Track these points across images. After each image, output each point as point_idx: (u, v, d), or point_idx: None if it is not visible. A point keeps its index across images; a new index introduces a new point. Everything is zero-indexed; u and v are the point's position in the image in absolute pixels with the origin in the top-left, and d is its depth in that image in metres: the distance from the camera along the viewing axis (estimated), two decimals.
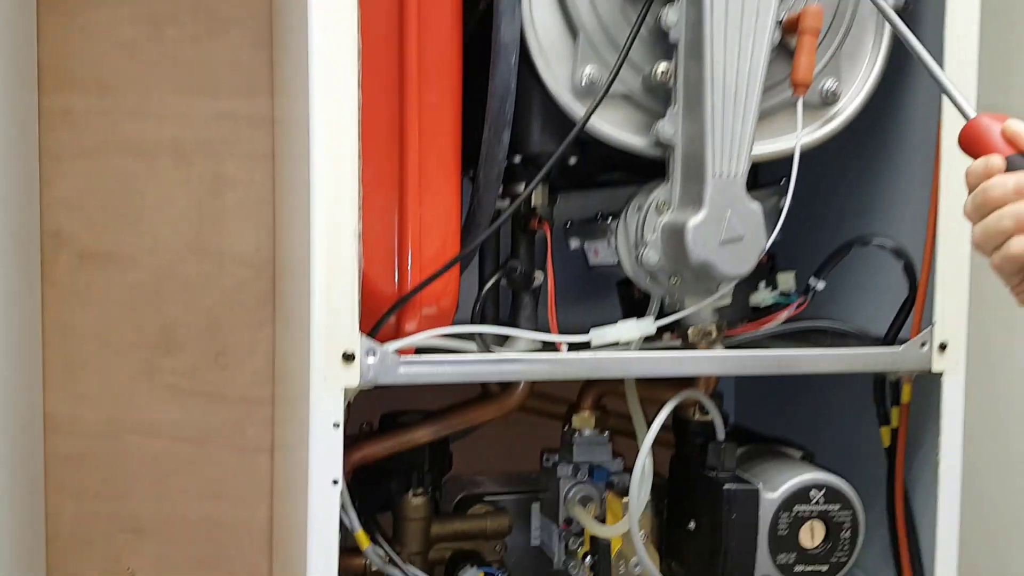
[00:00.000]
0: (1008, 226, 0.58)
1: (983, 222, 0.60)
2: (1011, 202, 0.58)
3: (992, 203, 0.59)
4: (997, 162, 0.60)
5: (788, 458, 0.90)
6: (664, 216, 0.78)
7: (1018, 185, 0.58)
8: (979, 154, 0.62)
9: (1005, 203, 0.59)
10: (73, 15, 1.04)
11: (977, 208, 0.60)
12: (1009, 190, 0.58)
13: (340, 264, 0.69)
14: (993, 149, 0.61)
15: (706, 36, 0.74)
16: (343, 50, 0.69)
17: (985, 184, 0.60)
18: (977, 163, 0.61)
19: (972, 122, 0.63)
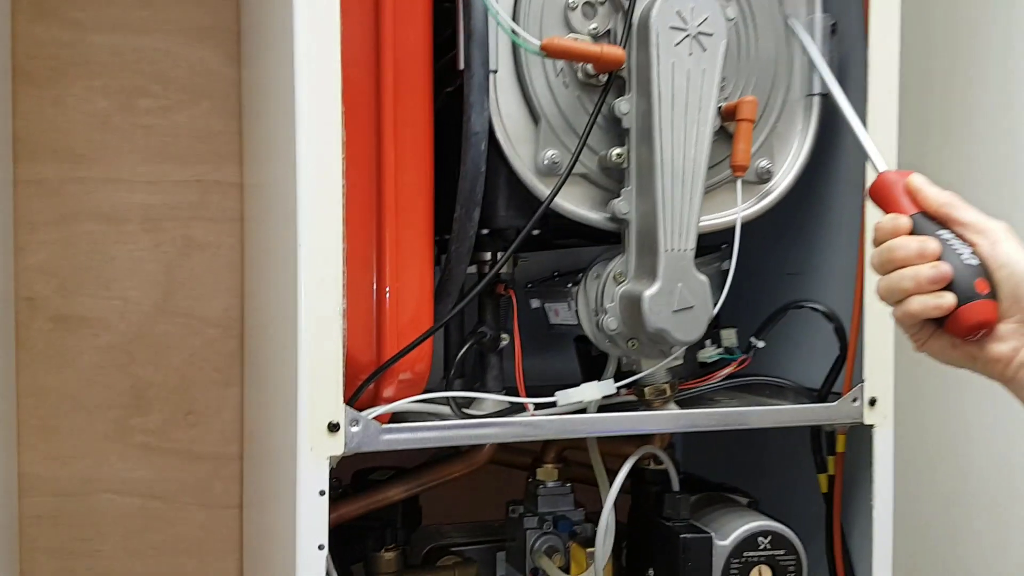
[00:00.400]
0: (909, 286, 0.65)
1: (887, 278, 0.66)
2: (913, 264, 0.65)
3: (897, 262, 0.66)
4: (904, 223, 0.67)
5: (736, 505, 0.97)
6: (621, 286, 0.85)
7: (920, 249, 0.65)
8: (886, 208, 0.69)
9: (908, 264, 0.65)
10: (47, 87, 1.08)
11: (883, 263, 0.67)
12: (912, 252, 0.65)
13: (326, 340, 0.74)
14: (899, 206, 0.68)
15: (655, 124, 0.81)
16: (329, 140, 0.75)
17: (891, 243, 0.66)
18: (885, 220, 0.68)
19: (880, 176, 0.70)
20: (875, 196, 0.71)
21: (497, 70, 0.83)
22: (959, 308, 0.63)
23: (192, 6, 1.12)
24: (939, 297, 0.64)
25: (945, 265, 0.64)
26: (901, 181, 0.69)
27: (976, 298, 0.63)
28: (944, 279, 0.64)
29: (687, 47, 0.82)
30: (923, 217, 0.67)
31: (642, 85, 0.82)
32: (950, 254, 0.65)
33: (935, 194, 0.68)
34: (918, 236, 0.66)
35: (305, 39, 0.74)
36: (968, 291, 0.63)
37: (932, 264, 0.64)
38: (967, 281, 0.64)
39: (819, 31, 0.92)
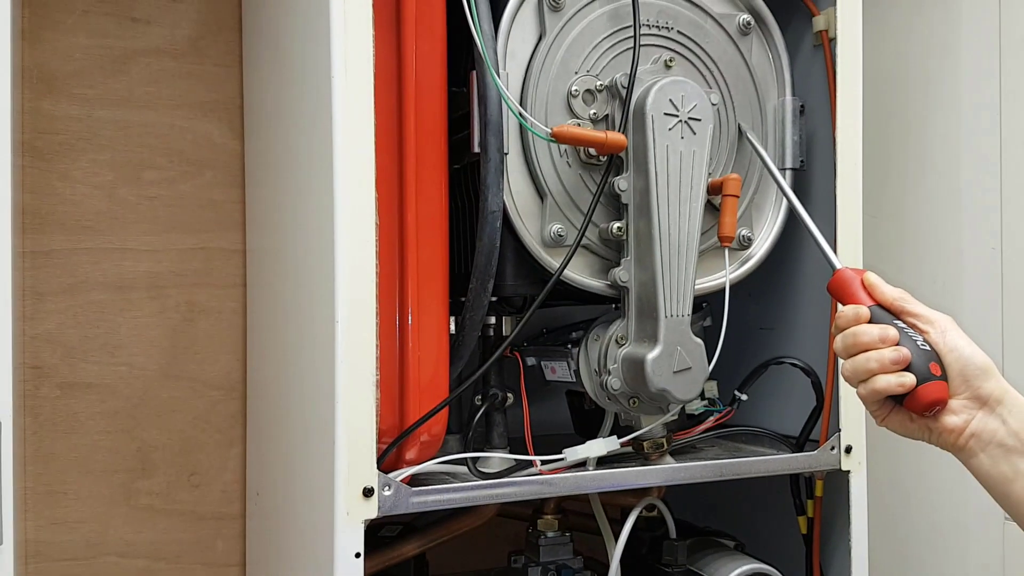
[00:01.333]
0: (874, 367, 0.73)
1: (853, 361, 0.75)
2: (875, 348, 0.73)
3: (860, 347, 0.74)
4: (864, 312, 0.75)
5: (725, 548, 1.04)
6: (623, 349, 0.92)
7: (882, 334, 0.73)
8: (845, 300, 0.78)
9: (871, 348, 0.73)
10: (55, 161, 1.11)
11: (847, 348, 0.75)
12: (875, 338, 0.74)
13: (361, 409, 0.79)
14: (857, 298, 0.77)
15: (653, 200, 0.89)
16: (364, 219, 0.80)
17: (855, 330, 0.75)
18: (847, 310, 0.76)
19: (837, 273, 0.80)
20: (834, 291, 0.80)
21: (508, 152, 0.90)
22: (917, 387, 0.72)
23: (196, 82, 1.17)
24: (901, 376, 0.72)
25: (904, 349, 0.73)
26: (858, 278, 0.78)
27: (932, 379, 0.72)
28: (904, 360, 0.72)
29: (679, 131, 0.90)
30: (879, 308, 0.76)
31: (639, 165, 0.90)
32: (907, 340, 0.73)
33: (889, 289, 0.77)
34: (878, 324, 0.74)
35: (343, 125, 0.80)
36: (924, 372, 0.72)
37: (893, 348, 0.73)
38: (923, 364, 0.72)
39: (789, 112, 1.02)
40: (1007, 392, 0.73)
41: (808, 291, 1.06)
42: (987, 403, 0.73)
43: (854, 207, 1.01)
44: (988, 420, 0.73)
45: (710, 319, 1.07)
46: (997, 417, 0.73)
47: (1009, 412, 0.73)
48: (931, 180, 1.21)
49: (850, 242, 1.00)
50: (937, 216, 1.20)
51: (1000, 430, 0.72)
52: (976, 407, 0.73)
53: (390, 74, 0.85)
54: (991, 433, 0.73)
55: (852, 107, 1.01)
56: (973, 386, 0.73)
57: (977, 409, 0.73)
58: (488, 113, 0.86)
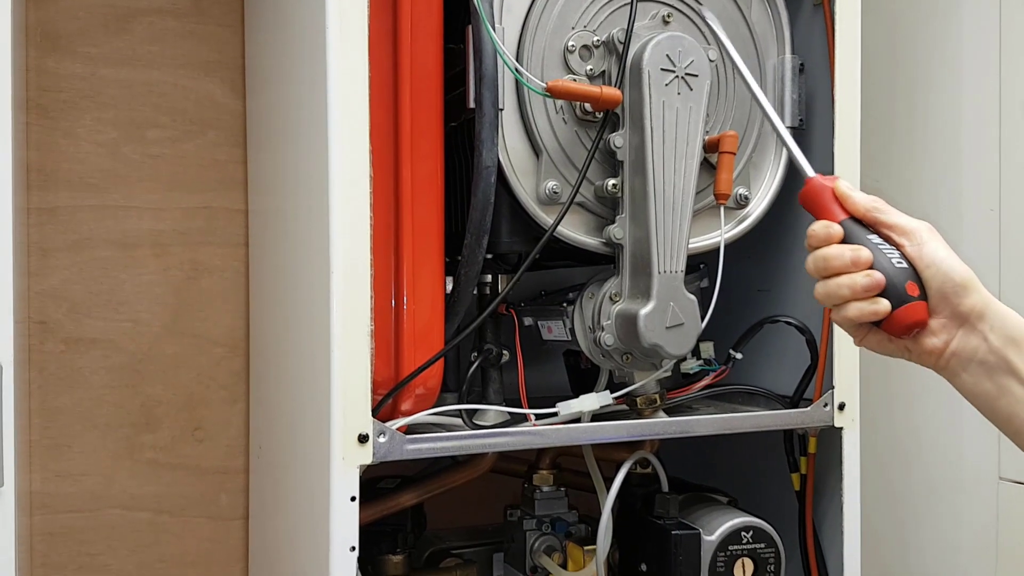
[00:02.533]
0: (846, 294, 0.69)
1: (825, 284, 0.70)
2: (848, 272, 0.69)
3: (832, 270, 0.70)
4: (835, 230, 0.70)
5: (718, 504, 1.05)
6: (617, 305, 0.93)
7: (854, 257, 0.69)
8: (817, 213, 0.73)
9: (843, 272, 0.69)
10: (60, 119, 1.12)
11: (818, 270, 0.71)
12: (847, 261, 0.69)
13: (356, 358, 0.81)
14: (828, 212, 0.72)
15: (648, 157, 0.89)
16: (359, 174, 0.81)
17: (826, 252, 0.70)
18: (818, 227, 0.71)
19: (808, 182, 0.74)
20: (805, 202, 0.75)
21: (503, 108, 0.90)
22: (894, 311, 0.68)
23: (199, 42, 1.17)
24: (875, 303, 0.68)
25: (878, 273, 0.68)
26: (829, 187, 0.73)
27: (908, 300, 0.68)
28: (878, 286, 0.68)
29: (676, 87, 0.90)
30: (852, 222, 0.71)
31: (635, 121, 0.90)
32: (881, 259, 0.69)
33: (862, 199, 0.72)
34: (850, 245, 0.70)
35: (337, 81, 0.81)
36: (901, 294, 0.68)
37: (866, 272, 0.68)
38: (899, 285, 0.68)
39: (788, 70, 1.01)
40: (988, 305, 0.69)
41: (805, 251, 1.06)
42: (968, 320, 0.69)
43: (853, 167, 1.01)
44: (969, 338, 0.69)
45: (707, 280, 1.08)
46: (978, 334, 0.69)
47: (990, 328, 0.69)
48: (931, 142, 1.21)
49: None
50: (936, 178, 1.20)
51: (981, 347, 0.69)
52: (956, 325, 0.69)
53: (386, 30, 0.86)
54: (972, 351, 0.69)
55: (851, 66, 1.00)
56: (953, 303, 0.69)
57: (957, 327, 0.69)
58: (483, 68, 0.86)
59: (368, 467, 0.83)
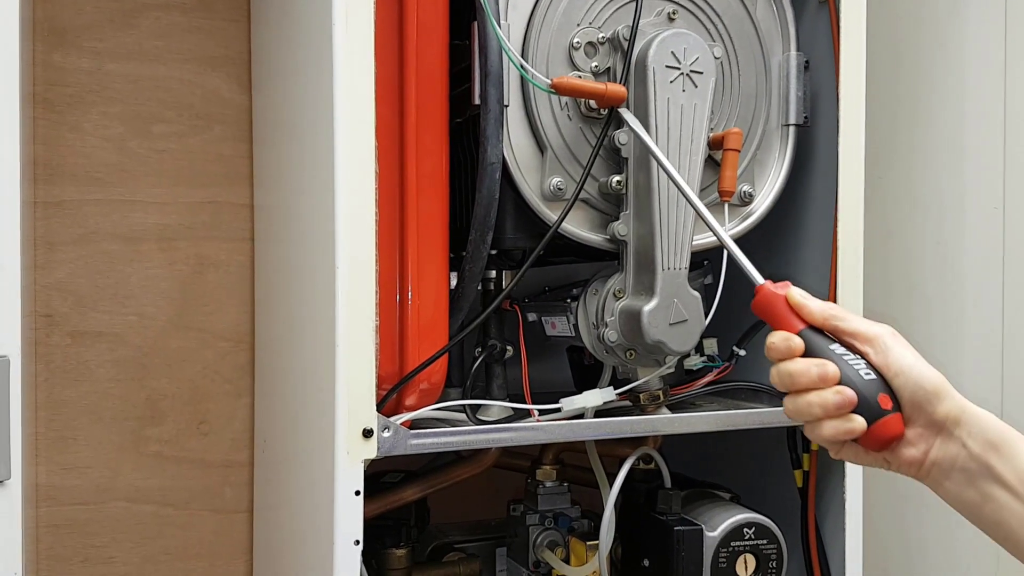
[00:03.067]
0: (818, 412, 0.66)
1: (794, 402, 0.67)
2: (816, 389, 0.66)
3: (799, 387, 0.66)
4: (797, 344, 0.67)
5: (720, 500, 1.05)
6: (620, 301, 0.93)
7: (821, 373, 0.66)
8: (773, 324, 0.70)
9: (811, 388, 0.66)
10: (66, 113, 1.13)
11: (785, 386, 0.68)
12: (814, 378, 0.66)
13: (361, 353, 0.81)
14: (786, 322, 0.69)
15: None
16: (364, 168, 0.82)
17: (791, 368, 0.67)
18: (778, 340, 0.68)
19: (760, 291, 0.71)
20: (759, 311, 0.72)
21: (508, 104, 0.90)
22: (870, 427, 0.65)
23: (204, 37, 1.18)
24: (849, 421, 0.65)
25: (848, 390, 0.65)
26: (781, 296, 0.70)
27: (883, 414, 0.65)
28: (850, 403, 0.65)
29: (681, 84, 0.90)
30: (812, 331, 0.68)
31: (640, 118, 0.90)
32: (848, 371, 0.66)
33: (817, 307, 0.69)
34: (816, 360, 0.67)
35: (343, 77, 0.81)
36: (874, 409, 0.65)
37: (836, 389, 0.65)
38: (871, 398, 0.65)
39: (794, 67, 1.01)
40: (964, 410, 0.67)
41: (810, 249, 1.07)
42: (944, 427, 0.67)
43: (857, 165, 1.01)
44: (947, 446, 0.67)
45: (711, 277, 1.08)
46: (956, 441, 0.67)
47: (968, 434, 0.66)
48: (935, 139, 1.21)
49: (852, 200, 1.00)
50: (940, 176, 1.20)
51: (961, 455, 0.66)
52: (933, 433, 0.67)
53: (391, 25, 0.86)
54: (952, 460, 0.67)
55: (856, 64, 1.00)
56: (927, 411, 0.66)
57: (935, 436, 0.67)
58: (488, 64, 0.86)
59: (372, 461, 0.83)
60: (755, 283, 0.73)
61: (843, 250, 1.00)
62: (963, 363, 1.16)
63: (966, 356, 1.16)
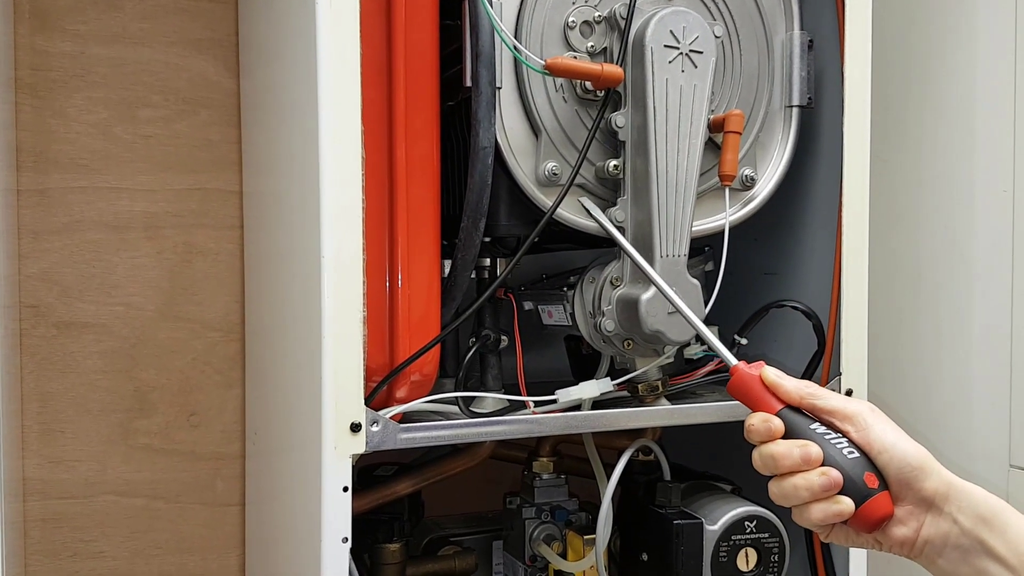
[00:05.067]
0: (804, 496, 0.65)
1: (779, 486, 0.66)
2: (801, 472, 0.65)
3: (783, 469, 0.65)
4: (777, 425, 0.66)
5: (722, 492, 1.03)
6: (618, 290, 0.91)
7: (804, 455, 0.65)
8: (750, 405, 0.69)
9: (796, 471, 0.65)
10: (49, 98, 1.10)
11: (768, 469, 0.67)
12: (796, 460, 0.65)
13: (348, 345, 0.78)
14: (763, 403, 0.68)
15: (651, 137, 0.87)
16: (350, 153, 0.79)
17: (772, 451, 0.66)
18: (757, 423, 0.67)
19: (734, 372, 0.70)
20: (734, 392, 0.71)
21: (501, 86, 0.87)
22: (858, 508, 0.64)
23: (190, 19, 1.15)
24: (837, 503, 0.64)
25: (834, 471, 0.64)
26: (756, 376, 0.69)
27: (870, 494, 0.64)
28: (836, 485, 0.64)
29: (680, 64, 0.87)
30: (791, 411, 0.68)
31: (638, 100, 0.87)
32: (831, 451, 0.65)
33: (792, 386, 0.68)
34: (797, 441, 0.66)
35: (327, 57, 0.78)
36: (861, 489, 0.64)
37: (821, 471, 0.64)
38: (857, 478, 0.64)
39: (797, 47, 0.98)
40: (951, 485, 0.66)
41: (813, 235, 1.04)
42: (933, 503, 0.66)
43: (862, 147, 0.98)
44: (938, 523, 0.66)
45: (712, 264, 1.05)
46: (947, 517, 0.65)
47: (958, 509, 0.65)
48: (943, 121, 1.17)
49: (857, 184, 0.97)
50: (948, 158, 1.17)
51: (953, 531, 0.65)
52: (923, 510, 0.66)
53: (379, 5, 0.83)
54: (944, 537, 0.65)
55: (861, 43, 0.97)
56: (914, 488, 0.65)
57: (924, 513, 0.66)
58: (480, 44, 0.83)
59: (362, 456, 0.81)
60: (728, 365, 0.72)
61: (848, 235, 0.97)
62: (971, 349, 1.13)
63: (974, 343, 1.13)
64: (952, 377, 1.16)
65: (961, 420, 1.15)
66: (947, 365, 1.16)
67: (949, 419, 1.17)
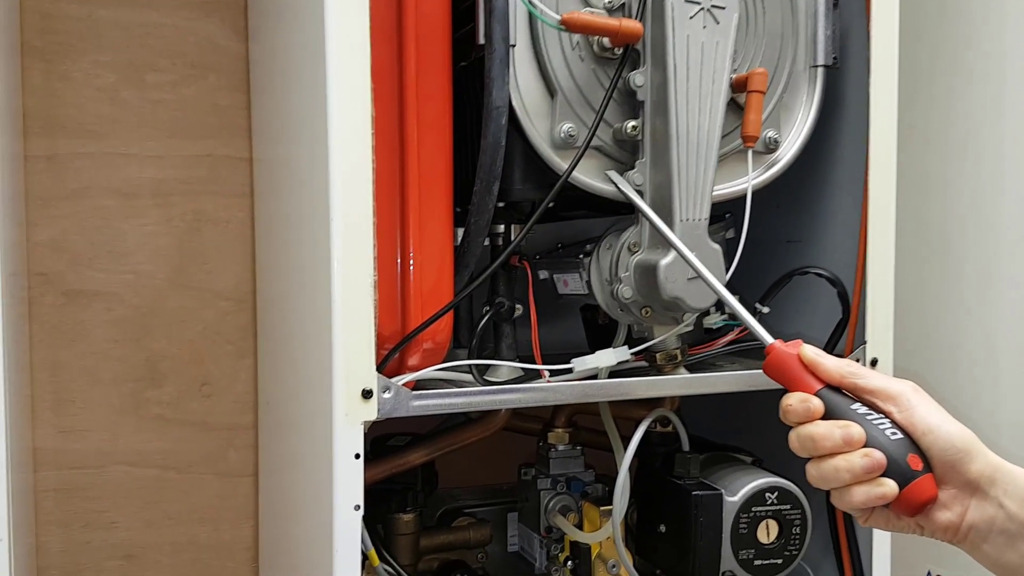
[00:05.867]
0: (846, 478, 0.62)
1: (818, 468, 0.63)
2: (841, 452, 0.62)
3: (822, 451, 0.63)
4: (816, 405, 0.64)
5: (742, 463, 1.01)
6: (636, 256, 0.88)
7: (846, 436, 0.62)
8: (788, 385, 0.66)
9: (836, 453, 0.62)
10: (55, 63, 1.08)
11: (807, 451, 0.64)
12: (838, 441, 0.62)
13: (359, 310, 0.76)
14: (802, 383, 0.65)
15: (671, 96, 0.84)
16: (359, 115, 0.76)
17: (812, 431, 0.63)
18: (796, 403, 0.65)
19: (771, 351, 0.67)
20: (771, 373, 0.68)
21: (515, 44, 0.84)
22: (902, 491, 0.62)
23: None
24: (880, 485, 0.62)
25: (877, 452, 0.62)
26: (794, 354, 0.66)
27: (914, 476, 0.62)
28: (879, 467, 0.62)
29: (701, 20, 0.84)
30: (830, 391, 0.65)
31: (657, 58, 0.84)
32: (874, 432, 0.63)
33: (834, 365, 0.66)
34: (838, 422, 0.63)
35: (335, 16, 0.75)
36: (905, 471, 0.62)
37: (863, 453, 0.62)
38: (900, 460, 0.62)
39: (822, 4, 0.95)
40: (997, 469, 0.63)
41: (838, 200, 1.00)
42: (979, 487, 0.63)
43: (889, 109, 0.95)
44: (984, 507, 0.63)
45: (733, 231, 1.02)
46: (993, 501, 0.63)
47: (1004, 492, 0.63)
48: (973, 81, 1.13)
49: (884, 146, 0.94)
50: (977, 120, 1.13)
51: (999, 516, 0.63)
52: (968, 494, 0.63)
53: None
54: (989, 521, 0.63)
55: (888, 1, 0.93)
56: (959, 471, 0.63)
57: (969, 497, 0.63)
58: (493, 0, 0.80)
59: (376, 424, 0.79)
60: (764, 344, 0.69)
61: (874, 199, 0.94)
62: (999, 314, 1.10)
63: (1002, 312, 1.10)
64: (979, 347, 1.13)
65: (989, 389, 1.12)
66: (975, 333, 1.13)
67: (976, 388, 1.14)
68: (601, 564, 0.98)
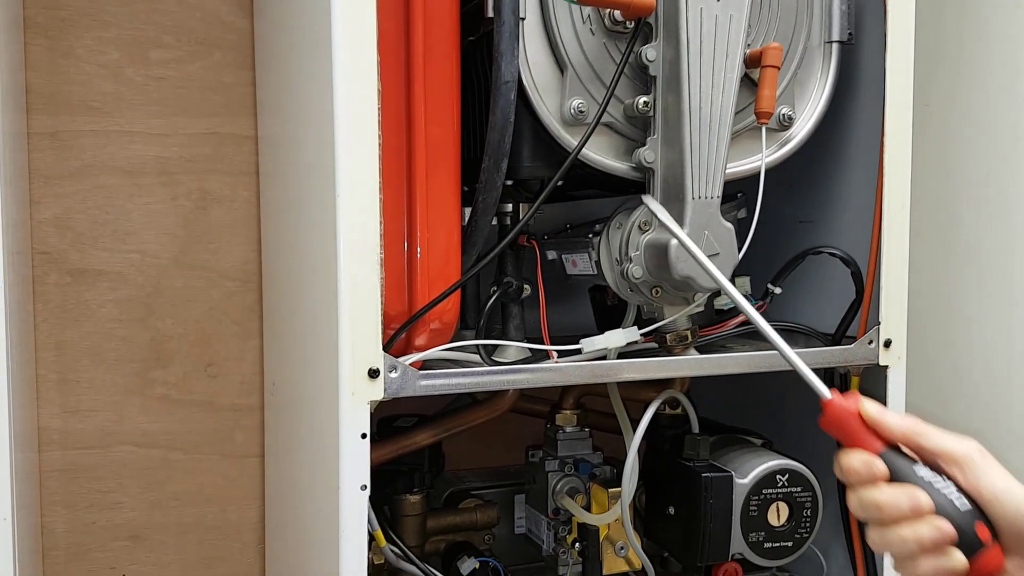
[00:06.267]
0: (914, 549, 0.59)
1: (882, 535, 0.60)
2: (907, 521, 0.59)
3: (888, 519, 0.60)
4: (880, 469, 0.60)
5: (752, 446, 0.99)
6: (646, 235, 0.87)
7: (913, 506, 0.59)
8: (847, 442, 0.63)
9: (902, 522, 0.59)
10: (59, 39, 1.06)
11: (869, 516, 0.61)
12: (905, 510, 0.59)
13: (365, 289, 0.75)
14: (863, 441, 0.62)
15: (683, 71, 0.82)
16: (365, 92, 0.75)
17: (877, 499, 0.60)
18: (858, 464, 0.61)
19: (829, 406, 0.64)
20: (829, 429, 0.64)
21: (525, 17, 0.83)
22: (971, 564, 0.59)
23: None
24: (949, 558, 0.59)
25: (946, 524, 0.59)
26: (855, 410, 0.63)
27: (980, 547, 0.59)
28: (949, 539, 0.59)
29: None
30: (893, 453, 0.62)
31: (670, 32, 0.82)
32: (941, 500, 0.60)
33: (897, 424, 0.62)
34: (905, 487, 0.60)
35: None
36: (973, 542, 0.59)
37: (932, 525, 0.59)
38: (968, 530, 0.59)
39: None
40: None
41: (852, 179, 0.99)
42: None
43: (905, 86, 0.93)
44: None
45: (745, 210, 1.01)
46: None
47: None
48: (989, 59, 1.11)
49: (899, 124, 0.92)
50: (994, 98, 1.11)
51: None
52: None
53: None
54: None
55: None
56: None
57: None
58: None
59: (383, 405, 0.78)
60: (822, 398, 0.65)
61: (889, 178, 0.92)
62: (1014, 302, 1.08)
63: (1017, 295, 1.08)
64: (995, 328, 1.11)
65: (1003, 373, 1.10)
66: (990, 315, 1.12)
67: (991, 372, 1.12)
68: (609, 546, 0.97)
